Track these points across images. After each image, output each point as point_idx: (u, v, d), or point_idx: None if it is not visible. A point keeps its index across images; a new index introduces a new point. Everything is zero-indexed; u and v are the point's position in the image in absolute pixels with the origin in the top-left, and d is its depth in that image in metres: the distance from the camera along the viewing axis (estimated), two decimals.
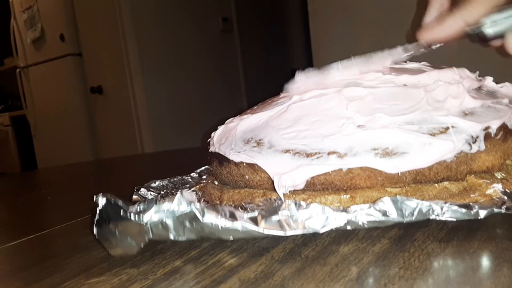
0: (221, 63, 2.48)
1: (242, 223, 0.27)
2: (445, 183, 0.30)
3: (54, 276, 0.29)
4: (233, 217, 0.28)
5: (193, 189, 0.45)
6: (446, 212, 0.27)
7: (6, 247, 0.39)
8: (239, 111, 0.44)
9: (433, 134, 0.30)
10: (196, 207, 0.28)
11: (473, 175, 0.31)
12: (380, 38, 1.39)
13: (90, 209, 0.47)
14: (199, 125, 2.13)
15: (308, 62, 1.82)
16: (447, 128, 0.30)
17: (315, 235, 0.30)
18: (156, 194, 0.45)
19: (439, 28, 0.34)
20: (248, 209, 0.30)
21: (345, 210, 0.28)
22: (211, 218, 0.28)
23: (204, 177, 0.51)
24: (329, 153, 0.31)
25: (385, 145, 0.30)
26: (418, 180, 0.30)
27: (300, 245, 0.29)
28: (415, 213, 0.27)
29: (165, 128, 2.16)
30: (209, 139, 0.42)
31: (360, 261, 0.25)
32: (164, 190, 0.47)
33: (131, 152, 2.10)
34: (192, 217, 0.28)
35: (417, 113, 0.31)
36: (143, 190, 0.45)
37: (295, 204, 0.28)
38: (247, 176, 0.34)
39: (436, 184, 0.30)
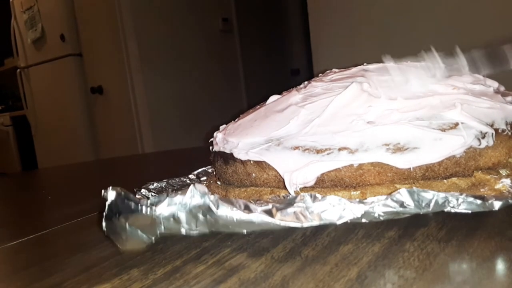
0: (221, 63, 2.48)
1: (258, 215, 0.27)
2: (454, 179, 0.30)
3: (54, 276, 0.29)
4: (248, 209, 0.27)
5: None
6: (461, 204, 0.26)
7: (6, 247, 0.39)
8: (239, 111, 0.44)
9: (443, 130, 0.30)
10: (210, 199, 0.27)
11: (480, 171, 0.31)
12: (379, 37, 1.39)
13: (90, 209, 0.47)
14: (199, 125, 2.13)
15: (308, 62, 1.82)
16: (457, 124, 0.30)
17: (315, 235, 0.30)
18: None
19: None
20: (257, 204, 0.30)
21: (362, 201, 0.27)
22: (226, 211, 0.27)
23: (203, 178, 0.51)
24: (340, 149, 0.31)
25: (396, 141, 0.30)
26: (427, 176, 0.30)
27: (300, 244, 0.29)
28: (432, 204, 0.26)
29: (165, 128, 2.16)
30: (212, 139, 0.42)
31: (360, 261, 0.25)
32: (164, 192, 0.46)
33: (131, 152, 2.10)
34: (206, 210, 0.27)
35: (427, 109, 0.31)
36: (143, 192, 0.45)
37: (311, 196, 0.28)
38: (254, 174, 0.34)
39: (445, 180, 0.30)
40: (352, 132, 0.31)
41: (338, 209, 0.27)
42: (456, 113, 0.31)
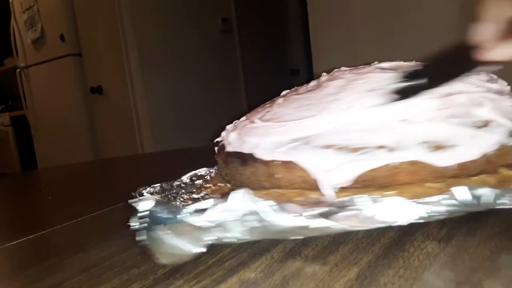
0: (220, 63, 2.48)
1: (316, 220, 0.25)
2: (483, 176, 0.30)
3: (54, 276, 0.29)
4: (301, 214, 0.25)
5: (204, 192, 0.42)
6: None
7: (6, 247, 0.39)
8: (238, 111, 0.44)
9: (477, 127, 0.30)
10: (262, 205, 0.25)
11: (503, 168, 0.31)
12: (379, 38, 1.39)
13: (90, 209, 0.47)
14: (199, 125, 2.14)
15: (308, 62, 1.82)
16: (488, 122, 0.30)
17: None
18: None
19: (501, 51, 0.31)
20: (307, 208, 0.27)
21: (418, 202, 0.26)
22: (280, 217, 0.25)
23: (198, 182, 0.48)
24: (377, 147, 0.30)
25: (435, 138, 0.29)
26: (458, 174, 0.30)
27: (300, 244, 0.29)
28: (489, 200, 0.26)
29: (165, 128, 2.16)
30: (218, 139, 0.41)
31: (360, 261, 0.25)
32: (163, 194, 0.45)
33: (131, 152, 2.10)
34: (258, 216, 0.25)
35: (456, 107, 0.31)
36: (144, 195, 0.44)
37: (366, 198, 0.26)
38: (279, 175, 0.32)
39: (473, 178, 0.30)
40: (386, 129, 0.30)
41: (400, 211, 0.25)
42: (486, 110, 0.31)
